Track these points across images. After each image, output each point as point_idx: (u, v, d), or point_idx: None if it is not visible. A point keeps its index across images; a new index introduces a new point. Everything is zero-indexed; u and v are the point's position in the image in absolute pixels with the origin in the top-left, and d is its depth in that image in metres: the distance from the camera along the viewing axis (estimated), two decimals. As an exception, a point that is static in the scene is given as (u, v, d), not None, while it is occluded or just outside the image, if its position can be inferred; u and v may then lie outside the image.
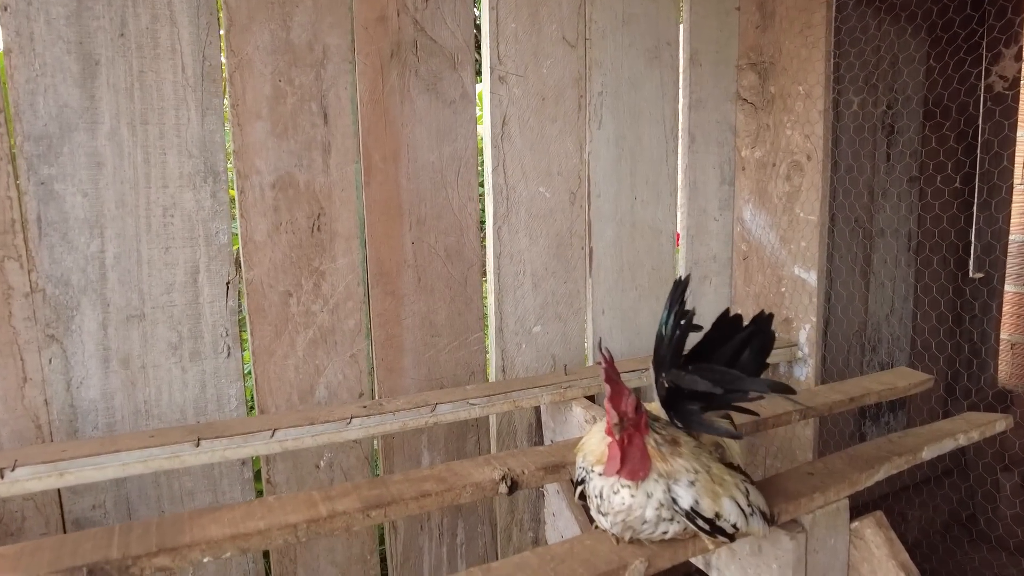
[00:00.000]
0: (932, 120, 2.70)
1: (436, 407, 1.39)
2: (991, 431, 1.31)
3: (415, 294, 1.72)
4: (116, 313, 1.43)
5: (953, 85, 2.63)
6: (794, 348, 2.06)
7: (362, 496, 0.98)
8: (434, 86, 1.70)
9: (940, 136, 2.73)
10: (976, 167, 2.92)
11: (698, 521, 0.84)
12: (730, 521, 0.86)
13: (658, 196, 2.09)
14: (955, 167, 2.83)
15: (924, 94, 2.67)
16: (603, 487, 0.89)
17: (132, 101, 1.40)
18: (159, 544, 0.84)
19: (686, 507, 0.84)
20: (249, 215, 1.53)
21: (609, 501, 0.88)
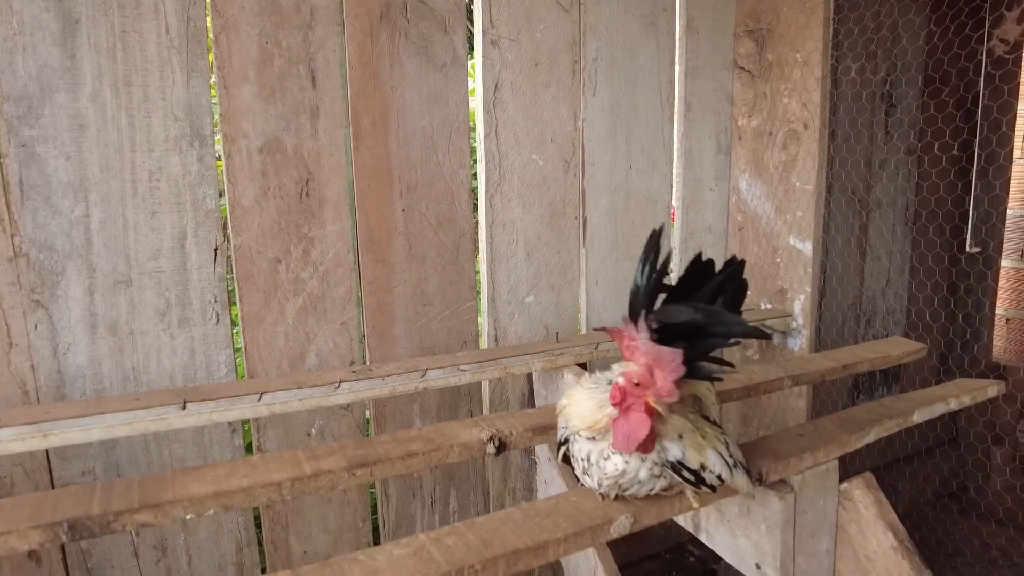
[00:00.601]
0: (931, 88, 2.67)
1: (426, 373, 1.38)
2: (982, 396, 1.31)
3: (406, 262, 1.70)
4: (102, 279, 1.42)
5: (953, 50, 2.59)
6: (788, 319, 2.05)
7: (348, 455, 0.97)
8: (425, 49, 1.66)
9: (939, 104, 2.70)
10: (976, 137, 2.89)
11: (684, 473, 0.84)
12: (715, 472, 0.85)
13: (653, 165, 2.06)
14: (954, 137, 2.80)
15: (924, 61, 2.63)
16: (591, 451, 0.87)
17: (115, 62, 1.37)
18: (141, 501, 0.83)
19: (673, 460, 0.84)
20: (236, 180, 1.51)
21: (600, 466, 0.86)
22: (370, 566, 0.74)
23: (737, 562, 1.08)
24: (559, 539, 0.78)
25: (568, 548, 0.79)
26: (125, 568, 1.50)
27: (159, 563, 1.54)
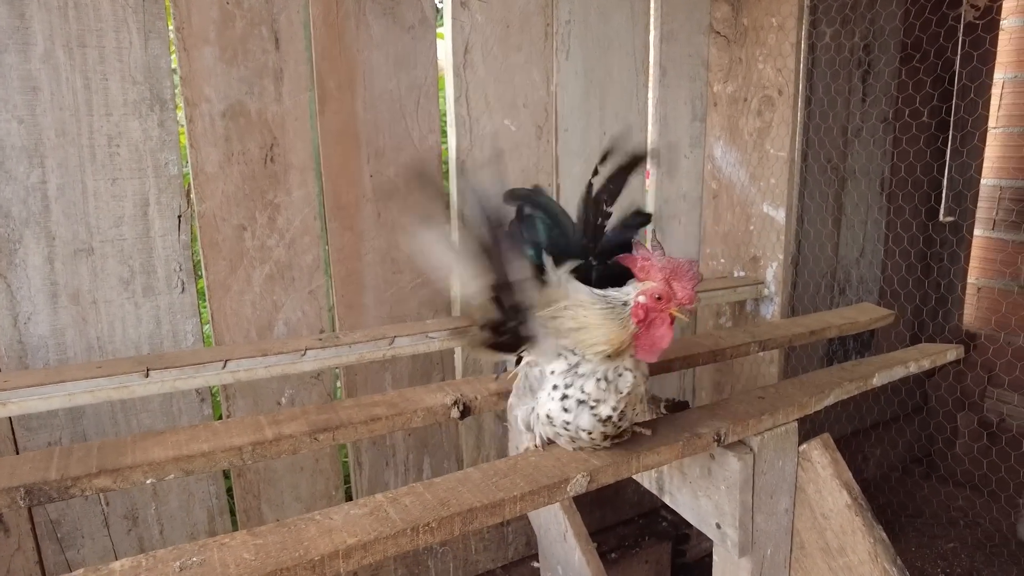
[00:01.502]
0: (907, 55, 2.66)
1: (394, 340, 1.38)
2: (941, 360, 1.33)
3: (375, 229, 1.69)
4: (63, 247, 1.39)
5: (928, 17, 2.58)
6: (760, 286, 2.07)
7: (310, 420, 0.97)
8: (392, 10, 1.63)
9: (914, 72, 2.70)
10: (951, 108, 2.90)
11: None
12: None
13: (628, 132, 2.05)
14: (929, 105, 2.80)
15: (900, 28, 2.62)
16: (606, 371, 0.88)
17: (67, 21, 1.33)
18: (100, 465, 0.83)
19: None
20: (199, 145, 1.47)
21: (616, 385, 0.88)
22: (326, 525, 0.74)
23: (699, 522, 1.10)
24: (515, 497, 0.79)
25: (524, 506, 0.80)
26: (96, 538, 1.50)
27: (130, 532, 1.54)
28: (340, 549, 0.68)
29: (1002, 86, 3.07)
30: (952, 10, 2.64)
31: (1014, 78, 3.04)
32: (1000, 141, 3.11)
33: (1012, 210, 3.12)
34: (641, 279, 0.90)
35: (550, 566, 1.65)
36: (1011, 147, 3.10)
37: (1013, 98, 3.07)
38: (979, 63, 2.81)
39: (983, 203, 3.17)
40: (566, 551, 1.53)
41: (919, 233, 2.97)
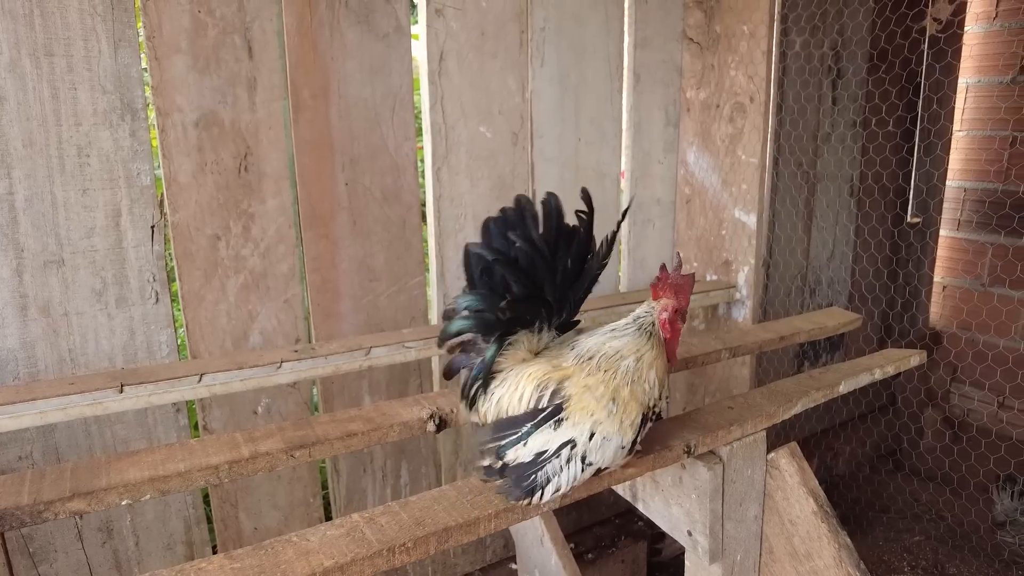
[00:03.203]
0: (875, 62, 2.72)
1: (371, 351, 1.38)
2: (905, 365, 1.37)
3: (351, 237, 1.68)
4: (32, 258, 1.37)
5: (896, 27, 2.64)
6: (732, 290, 2.11)
7: (286, 437, 0.97)
8: (366, 18, 1.62)
9: (883, 79, 2.76)
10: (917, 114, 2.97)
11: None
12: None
13: (603, 138, 2.07)
14: (897, 110, 2.87)
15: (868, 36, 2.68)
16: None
17: (33, 29, 1.31)
18: (73, 488, 0.82)
19: None
20: (172, 155, 1.46)
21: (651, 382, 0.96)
22: (303, 547, 0.75)
23: (671, 529, 1.13)
24: (490, 515, 0.80)
25: (499, 524, 0.81)
26: (69, 552, 1.49)
27: (105, 545, 1.53)
28: (317, 572, 0.69)
29: (966, 91, 3.15)
30: (916, 22, 2.70)
31: (977, 83, 3.12)
32: (963, 145, 3.20)
33: (975, 211, 3.21)
34: (656, 298, 1.00)
35: (528, 569, 1.67)
36: (974, 150, 3.18)
37: (976, 103, 3.16)
38: (942, 72, 2.88)
39: (948, 205, 3.26)
40: (543, 555, 1.55)
41: (887, 235, 3.04)
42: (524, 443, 0.89)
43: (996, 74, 3.07)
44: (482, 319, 0.94)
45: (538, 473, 0.87)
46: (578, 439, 0.89)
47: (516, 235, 0.94)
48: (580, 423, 0.90)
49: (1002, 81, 3.05)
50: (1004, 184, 3.09)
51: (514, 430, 0.90)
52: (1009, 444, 2.74)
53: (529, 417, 0.90)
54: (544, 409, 0.90)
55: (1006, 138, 3.08)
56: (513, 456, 0.88)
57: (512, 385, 0.94)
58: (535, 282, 0.96)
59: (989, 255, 3.18)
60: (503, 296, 0.93)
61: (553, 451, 0.88)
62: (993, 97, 3.09)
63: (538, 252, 0.95)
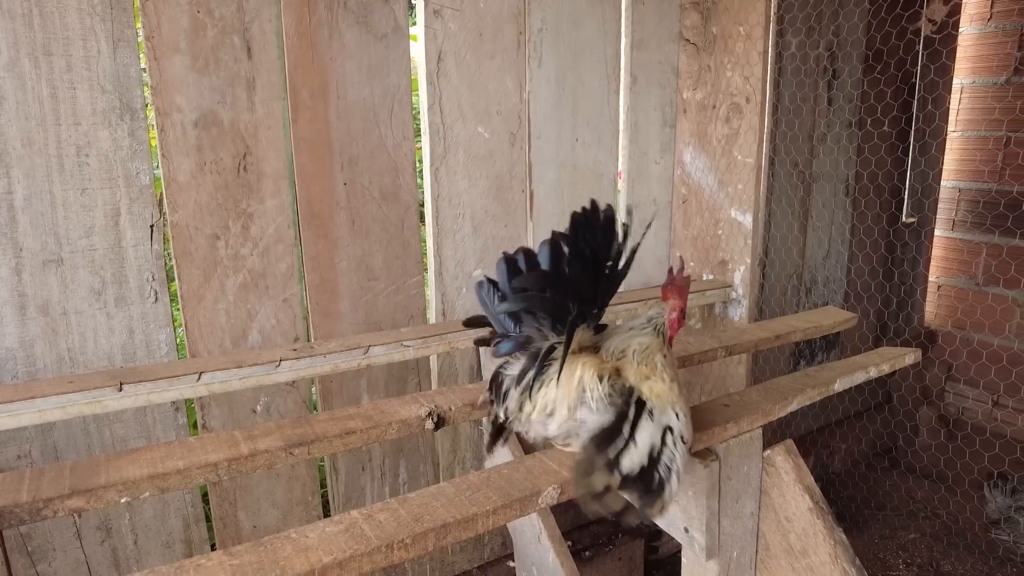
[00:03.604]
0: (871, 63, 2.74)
1: (369, 349, 1.39)
2: (900, 364, 1.39)
3: (349, 237, 1.69)
4: (31, 258, 1.37)
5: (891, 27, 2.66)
6: (728, 289, 2.12)
7: (285, 435, 0.98)
8: (364, 19, 1.63)
9: (878, 79, 2.77)
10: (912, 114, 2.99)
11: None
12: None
13: (600, 138, 2.08)
14: (892, 110, 2.88)
15: (864, 36, 2.69)
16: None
17: (31, 29, 1.31)
18: (72, 486, 0.83)
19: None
20: (171, 155, 1.47)
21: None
22: (302, 543, 0.76)
23: (667, 526, 1.14)
24: (488, 512, 0.81)
25: (497, 520, 0.82)
26: (68, 550, 1.49)
27: (104, 543, 1.53)
28: (316, 568, 0.70)
29: (960, 91, 3.17)
30: (911, 23, 2.72)
31: (972, 83, 3.13)
32: (958, 145, 3.21)
33: (970, 211, 3.23)
34: (665, 299, 1.06)
35: (525, 567, 1.67)
36: (968, 151, 3.20)
37: (970, 103, 3.18)
38: (937, 72, 2.90)
39: (943, 204, 3.28)
40: (540, 552, 1.56)
41: (882, 235, 3.06)
42: (635, 444, 0.89)
43: (991, 75, 3.09)
44: (553, 302, 0.95)
45: (658, 468, 0.88)
46: (672, 423, 0.93)
47: (590, 237, 0.97)
48: (666, 409, 0.94)
49: (996, 82, 3.06)
50: (998, 184, 3.11)
51: (616, 438, 0.90)
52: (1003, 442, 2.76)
53: (621, 420, 0.91)
54: (628, 406, 0.92)
55: (1000, 138, 3.10)
56: (630, 463, 0.88)
57: (568, 378, 0.95)
58: (597, 281, 0.98)
59: (983, 254, 3.19)
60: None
61: (660, 442, 0.90)
62: (988, 98, 3.11)
63: (598, 255, 0.98)
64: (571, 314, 0.94)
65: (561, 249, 0.96)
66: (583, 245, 0.97)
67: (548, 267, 0.96)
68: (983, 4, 3.11)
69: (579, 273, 0.96)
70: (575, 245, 0.96)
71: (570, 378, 0.95)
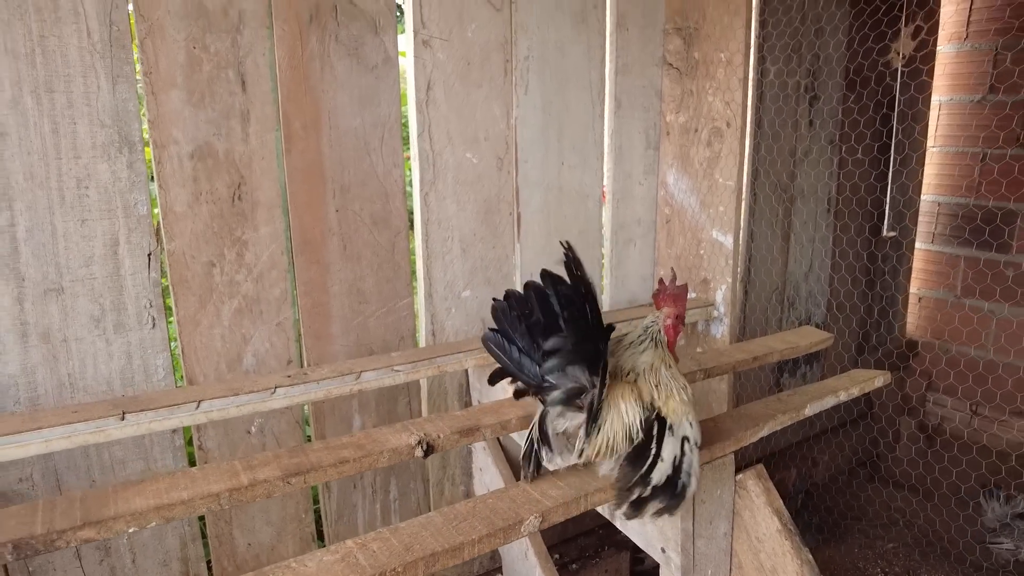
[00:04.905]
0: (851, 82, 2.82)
1: (361, 375, 1.44)
2: (870, 387, 1.45)
3: (341, 262, 1.74)
4: (32, 287, 1.42)
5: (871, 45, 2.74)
6: (710, 308, 2.18)
7: (282, 465, 1.03)
8: (355, 51, 1.68)
9: (858, 98, 2.85)
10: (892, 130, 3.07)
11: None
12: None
13: (585, 161, 2.14)
14: (873, 133, 2.97)
15: (845, 56, 2.77)
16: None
17: (34, 67, 1.36)
18: (84, 518, 0.88)
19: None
20: (168, 186, 1.51)
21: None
22: (301, 572, 0.81)
23: (646, 546, 1.20)
24: (474, 540, 0.86)
25: (483, 547, 0.87)
26: (68, 570, 1.53)
27: (102, 563, 1.57)
28: (314, 597, 0.75)
29: (939, 108, 3.26)
30: (883, 56, 2.81)
31: (949, 101, 3.22)
32: (937, 160, 3.30)
33: (948, 224, 3.31)
34: (659, 307, 1.17)
35: (513, 581, 1.73)
36: (947, 165, 3.29)
37: (948, 119, 3.26)
38: (916, 90, 2.98)
39: (923, 218, 3.36)
40: (527, 568, 1.61)
41: (863, 248, 3.13)
42: (661, 459, 1.02)
43: (967, 93, 3.17)
44: (583, 353, 1.02)
45: (680, 474, 1.01)
46: (688, 433, 1.05)
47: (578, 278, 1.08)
48: (681, 421, 1.06)
49: (973, 99, 3.15)
50: (975, 199, 3.19)
51: (646, 455, 1.03)
52: (980, 448, 2.84)
53: (647, 440, 1.04)
54: (652, 425, 1.04)
55: (977, 154, 3.19)
56: (660, 475, 1.01)
57: (617, 416, 1.05)
58: (597, 316, 1.06)
59: (961, 267, 3.28)
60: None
61: (680, 451, 1.03)
62: (965, 115, 3.20)
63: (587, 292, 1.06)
64: (599, 356, 1.01)
65: (566, 297, 1.03)
66: (573, 288, 1.03)
67: (564, 317, 1.02)
68: (960, 24, 3.20)
69: (583, 314, 1.03)
70: (570, 289, 1.03)
71: (620, 417, 1.04)
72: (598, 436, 1.03)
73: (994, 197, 3.12)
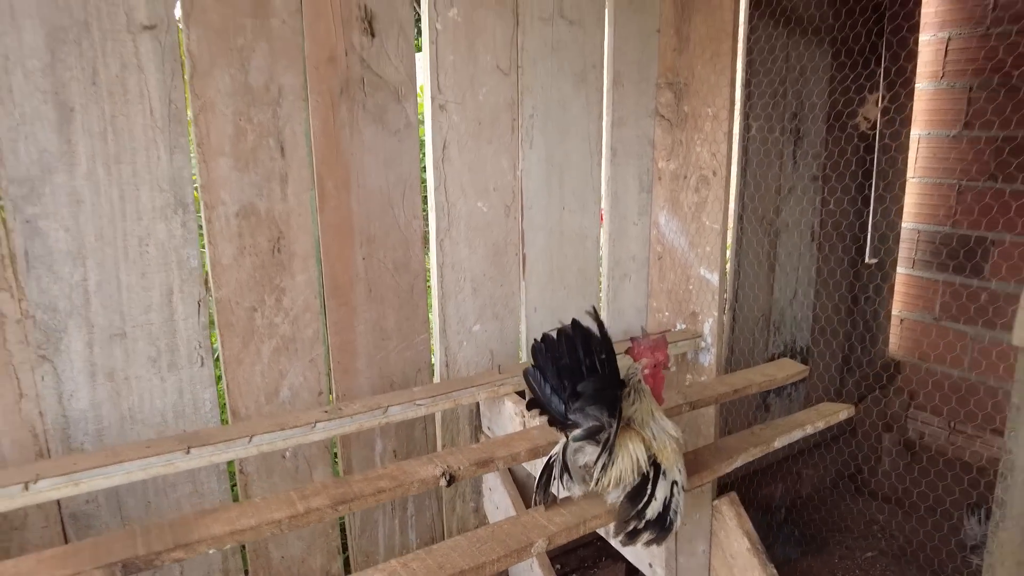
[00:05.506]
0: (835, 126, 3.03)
1: (387, 409, 1.64)
2: (835, 420, 1.65)
3: (366, 304, 1.95)
4: (100, 333, 1.62)
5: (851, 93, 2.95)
6: (698, 339, 2.39)
7: (330, 495, 1.23)
8: (380, 117, 1.89)
9: (841, 136, 3.07)
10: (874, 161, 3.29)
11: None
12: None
13: (584, 205, 2.35)
14: (855, 168, 3.18)
15: (827, 98, 2.99)
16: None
17: (106, 143, 1.56)
18: (175, 541, 1.07)
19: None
20: (216, 241, 1.72)
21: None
22: (354, 587, 1.01)
23: (636, 562, 1.39)
24: (493, 560, 1.06)
25: (500, 566, 1.07)
26: (126, 580, 1.73)
27: (155, 574, 1.77)
28: (368, 606, 0.95)
29: (918, 141, 3.47)
30: (851, 119, 3.04)
31: (928, 135, 3.43)
32: (917, 190, 3.51)
33: (928, 251, 3.52)
34: (636, 359, 1.34)
35: (519, 591, 1.93)
36: (926, 195, 3.50)
37: (927, 152, 3.48)
38: (899, 125, 3.20)
39: (904, 244, 3.57)
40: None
41: (846, 275, 3.34)
42: (655, 499, 1.22)
43: (944, 128, 3.39)
44: (606, 397, 1.22)
45: (669, 511, 1.22)
46: (679, 479, 1.25)
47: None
48: (672, 468, 1.25)
49: (949, 134, 3.37)
50: (952, 227, 3.40)
51: (642, 495, 1.23)
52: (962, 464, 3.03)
53: (645, 482, 1.23)
54: (650, 470, 1.24)
55: (953, 185, 3.40)
56: (653, 512, 1.22)
57: (627, 455, 1.25)
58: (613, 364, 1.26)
59: (940, 291, 3.48)
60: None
61: (670, 493, 1.23)
62: (942, 148, 3.41)
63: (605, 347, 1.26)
64: (616, 401, 1.22)
65: (590, 347, 1.24)
66: (599, 340, 1.24)
67: (586, 364, 1.23)
68: (937, 63, 3.42)
69: (604, 364, 1.23)
70: (591, 343, 1.24)
71: (629, 454, 1.24)
72: (612, 468, 1.23)
73: (968, 225, 3.33)
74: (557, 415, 1.22)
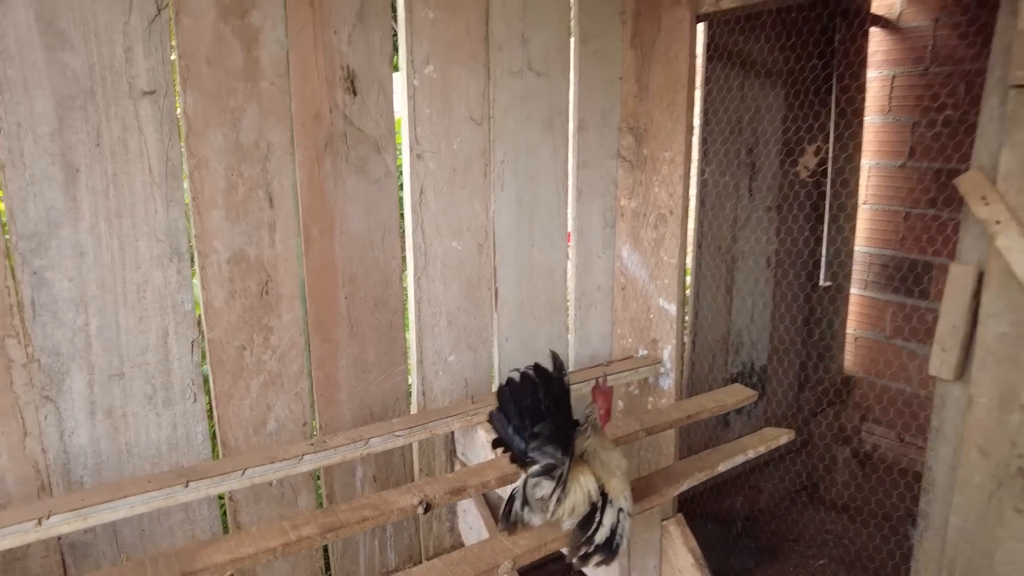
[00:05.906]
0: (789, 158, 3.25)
1: (368, 441, 1.79)
2: (776, 443, 1.83)
3: (348, 340, 2.09)
4: (100, 374, 1.75)
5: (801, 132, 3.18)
6: (658, 365, 2.57)
7: (319, 523, 1.37)
8: (362, 168, 2.05)
9: (793, 171, 3.29)
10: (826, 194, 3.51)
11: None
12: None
13: (552, 242, 2.52)
14: (808, 196, 3.40)
15: (781, 133, 3.21)
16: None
17: (108, 199, 1.70)
18: (181, 570, 1.21)
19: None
20: (209, 286, 1.85)
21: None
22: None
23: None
24: (465, 582, 1.22)
25: (472, 586, 1.23)
26: (123, 603, 1.85)
27: (151, 597, 1.89)
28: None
29: (868, 170, 3.72)
30: (793, 167, 3.28)
31: (877, 165, 3.68)
32: (868, 216, 3.75)
33: (879, 273, 3.76)
34: (595, 401, 1.54)
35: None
36: (876, 221, 3.74)
37: (877, 180, 3.72)
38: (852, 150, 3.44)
39: (857, 267, 3.81)
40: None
41: (802, 297, 3.56)
42: (602, 525, 1.37)
43: (891, 159, 3.64)
44: (560, 437, 1.38)
45: (615, 536, 1.37)
46: (624, 506, 1.41)
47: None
48: (619, 497, 1.41)
49: (896, 165, 3.61)
50: (900, 251, 3.64)
51: (591, 523, 1.38)
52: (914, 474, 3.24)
53: (594, 511, 1.39)
54: (599, 500, 1.39)
55: (899, 212, 3.64)
56: (601, 537, 1.37)
57: (579, 488, 1.42)
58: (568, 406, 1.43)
59: (892, 312, 3.72)
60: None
61: (616, 520, 1.38)
62: (890, 177, 3.66)
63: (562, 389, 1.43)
64: (569, 441, 1.38)
65: (550, 391, 1.40)
66: (556, 384, 1.41)
67: (545, 405, 1.39)
68: (884, 98, 3.67)
69: (560, 407, 1.40)
70: (551, 386, 1.40)
71: (580, 487, 1.41)
72: (566, 500, 1.39)
73: (915, 250, 3.58)
74: (519, 452, 1.38)
